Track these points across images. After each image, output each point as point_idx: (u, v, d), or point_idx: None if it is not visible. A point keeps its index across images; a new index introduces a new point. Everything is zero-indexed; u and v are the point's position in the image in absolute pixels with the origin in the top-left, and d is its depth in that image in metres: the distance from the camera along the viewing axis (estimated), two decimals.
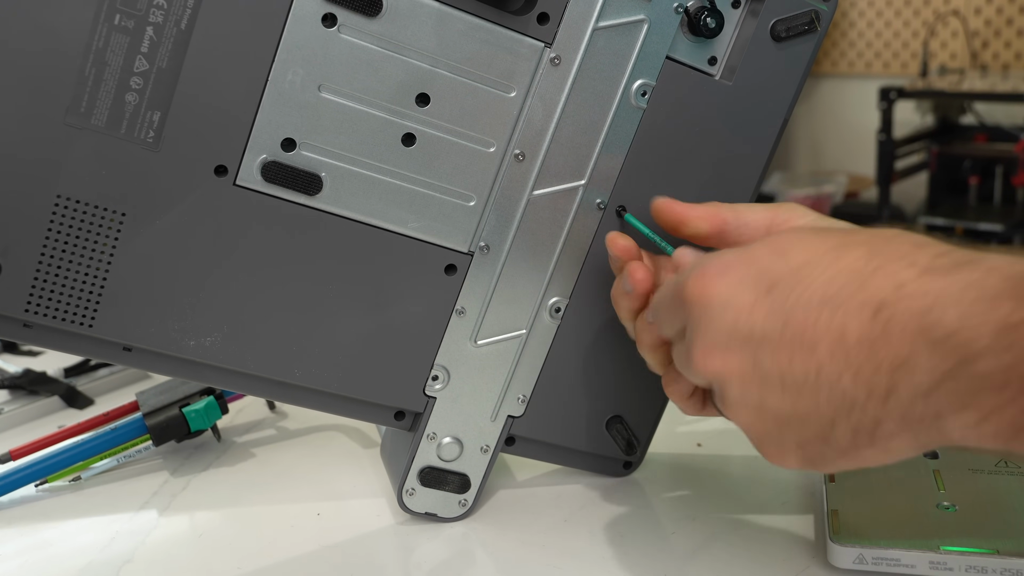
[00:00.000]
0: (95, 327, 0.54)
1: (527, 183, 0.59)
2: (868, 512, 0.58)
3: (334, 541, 0.62)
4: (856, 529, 0.56)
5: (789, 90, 0.60)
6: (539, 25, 0.56)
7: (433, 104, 0.56)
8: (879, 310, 0.40)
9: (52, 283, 0.52)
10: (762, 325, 0.43)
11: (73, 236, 0.52)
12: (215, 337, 0.56)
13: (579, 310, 0.62)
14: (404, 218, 0.57)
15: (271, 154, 0.54)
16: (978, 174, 2.75)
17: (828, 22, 0.59)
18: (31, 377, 0.85)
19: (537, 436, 0.64)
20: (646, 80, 0.58)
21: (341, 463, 0.72)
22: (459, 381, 0.61)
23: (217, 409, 0.73)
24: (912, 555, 0.53)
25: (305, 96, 0.54)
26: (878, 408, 0.40)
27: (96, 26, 0.49)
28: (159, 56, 0.51)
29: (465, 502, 0.64)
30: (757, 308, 0.43)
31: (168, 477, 0.71)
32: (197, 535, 0.64)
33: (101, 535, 0.63)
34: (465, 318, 0.60)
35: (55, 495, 0.69)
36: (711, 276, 0.46)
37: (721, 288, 0.45)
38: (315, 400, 0.60)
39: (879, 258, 0.41)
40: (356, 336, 0.59)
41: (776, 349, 0.43)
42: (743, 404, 0.45)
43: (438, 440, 0.62)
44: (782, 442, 0.44)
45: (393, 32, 0.54)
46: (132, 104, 0.51)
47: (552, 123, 0.58)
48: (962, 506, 0.58)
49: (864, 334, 0.40)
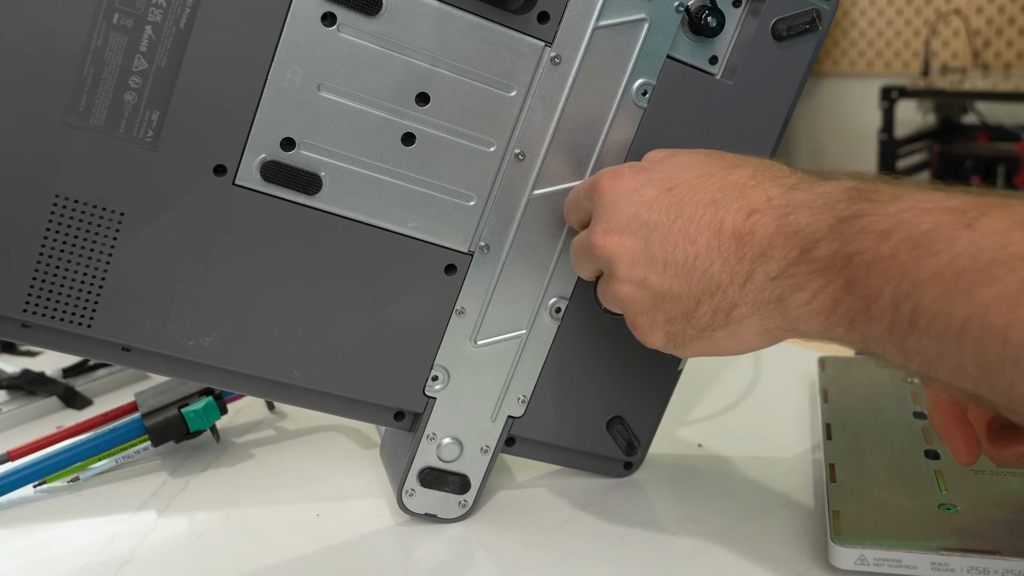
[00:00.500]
0: (94, 327, 0.54)
1: (527, 183, 0.58)
2: (870, 513, 0.57)
3: (333, 542, 0.62)
4: (857, 530, 0.55)
5: (790, 89, 0.60)
6: (539, 24, 0.56)
7: (433, 103, 0.56)
8: (751, 213, 0.49)
9: (50, 283, 0.52)
10: (658, 215, 0.52)
11: (71, 236, 0.52)
12: (214, 337, 0.56)
13: (579, 310, 0.62)
14: (404, 218, 0.57)
15: (270, 153, 0.54)
16: (980, 174, 2.73)
17: (829, 21, 0.59)
18: (29, 377, 0.84)
19: (537, 436, 0.64)
20: (647, 79, 0.58)
21: (340, 464, 0.72)
22: (459, 381, 0.61)
23: (216, 409, 0.72)
24: (914, 556, 0.53)
25: (304, 95, 0.53)
26: (736, 292, 0.49)
27: (95, 25, 0.49)
28: (158, 55, 0.51)
29: (465, 503, 0.63)
30: (657, 202, 0.52)
31: (167, 478, 0.70)
32: (196, 536, 0.63)
33: (99, 536, 0.63)
34: (465, 318, 0.60)
35: (53, 496, 0.68)
36: (625, 172, 0.54)
37: (631, 183, 0.53)
38: (314, 400, 0.60)
39: (759, 177, 0.51)
40: (356, 336, 0.59)
41: (666, 235, 0.51)
42: (630, 279, 0.53)
43: (438, 441, 0.62)
44: (654, 317, 0.53)
45: (393, 31, 0.54)
46: (131, 103, 0.51)
47: (552, 122, 0.58)
48: (964, 507, 0.57)
49: (737, 229, 0.49)
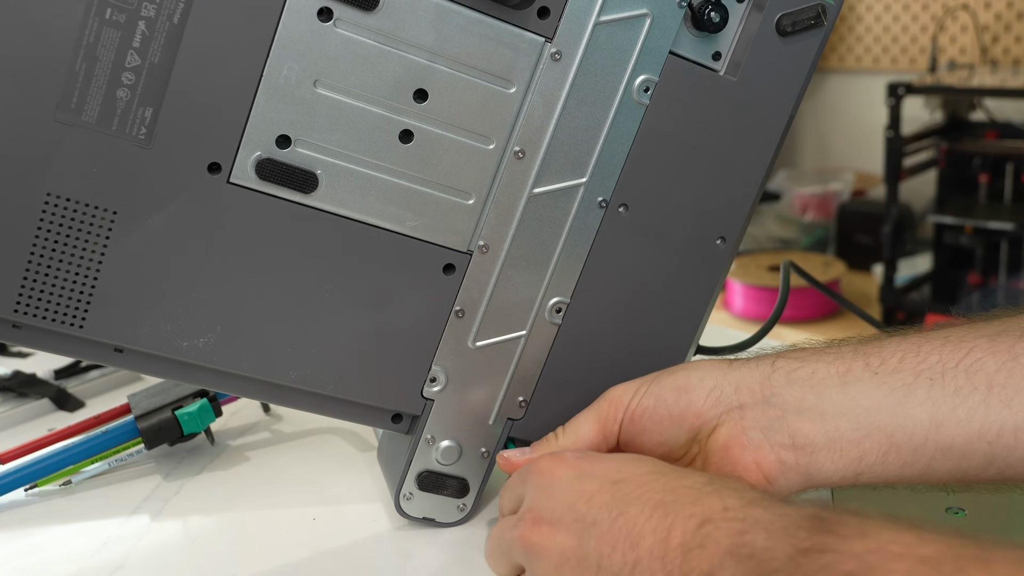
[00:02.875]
0: (86, 328, 0.53)
1: (527, 181, 0.58)
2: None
3: (330, 547, 0.61)
4: None
5: (795, 86, 0.60)
6: (539, 19, 0.55)
7: (431, 100, 0.55)
8: (704, 523, 0.43)
9: (42, 283, 0.51)
10: (598, 511, 0.47)
11: (63, 235, 0.51)
12: (208, 338, 0.55)
13: (580, 311, 0.61)
14: (401, 216, 0.56)
15: (266, 151, 0.53)
16: (988, 172, 2.72)
17: (835, 16, 0.59)
18: (21, 379, 0.84)
19: (537, 439, 0.63)
20: (649, 76, 0.57)
21: (337, 467, 0.71)
22: (458, 383, 0.60)
23: (211, 412, 0.72)
24: None
25: (300, 92, 0.53)
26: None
27: (87, 20, 0.48)
28: (151, 51, 0.50)
29: (464, 507, 0.63)
30: (599, 495, 0.47)
31: (160, 481, 0.70)
32: (190, 540, 0.63)
33: (92, 540, 0.62)
34: (464, 319, 0.59)
35: (45, 499, 0.68)
36: (568, 457, 0.50)
37: (572, 469, 0.49)
38: (310, 403, 0.59)
39: (716, 484, 0.46)
40: (352, 337, 0.58)
41: (604, 535, 0.46)
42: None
43: (436, 443, 0.61)
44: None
45: (390, 26, 0.53)
46: (124, 100, 0.50)
47: (553, 120, 0.57)
48: (971, 511, 0.57)
49: (686, 540, 0.43)
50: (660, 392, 0.56)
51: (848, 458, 0.51)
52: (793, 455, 0.52)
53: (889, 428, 0.51)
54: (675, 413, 0.55)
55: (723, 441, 0.53)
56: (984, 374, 0.50)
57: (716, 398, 0.54)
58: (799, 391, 0.52)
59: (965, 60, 3.20)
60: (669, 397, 0.55)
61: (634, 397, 0.57)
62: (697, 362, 0.58)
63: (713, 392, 0.54)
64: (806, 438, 0.51)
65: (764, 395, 0.53)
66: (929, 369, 0.51)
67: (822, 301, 2.66)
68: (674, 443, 0.55)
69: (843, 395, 0.52)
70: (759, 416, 0.53)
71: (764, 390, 0.53)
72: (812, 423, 0.52)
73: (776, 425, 0.52)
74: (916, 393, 0.50)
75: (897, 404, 0.51)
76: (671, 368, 0.58)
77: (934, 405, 0.50)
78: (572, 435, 0.58)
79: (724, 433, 0.53)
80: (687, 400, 0.55)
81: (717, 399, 0.54)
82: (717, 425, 0.54)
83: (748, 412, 0.53)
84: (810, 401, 0.52)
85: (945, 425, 0.50)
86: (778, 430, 0.52)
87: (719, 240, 0.62)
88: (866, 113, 3.38)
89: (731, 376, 0.55)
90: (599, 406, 0.58)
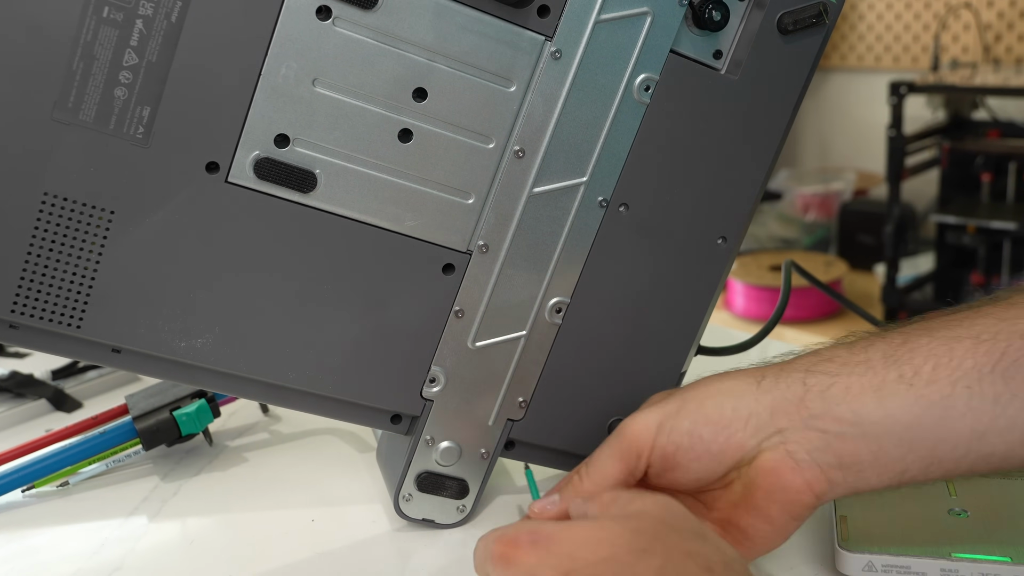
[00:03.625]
0: (83, 328, 0.53)
1: (527, 180, 0.57)
2: (878, 518, 0.56)
3: (329, 548, 0.61)
4: (865, 536, 0.54)
5: (796, 85, 0.59)
6: (539, 18, 0.55)
7: (431, 99, 0.54)
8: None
9: (39, 283, 0.51)
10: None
11: (60, 234, 0.51)
12: (207, 338, 0.55)
13: (580, 311, 0.61)
14: (400, 216, 0.56)
15: (264, 150, 0.53)
16: (991, 171, 2.70)
17: (836, 14, 0.58)
18: (18, 379, 0.84)
19: (537, 440, 0.63)
20: (649, 74, 0.57)
21: (336, 468, 0.71)
22: (457, 384, 0.60)
23: (209, 412, 0.72)
24: (923, 562, 0.52)
25: (299, 91, 0.52)
26: None
27: (84, 19, 0.48)
28: (149, 50, 0.50)
29: (463, 508, 0.62)
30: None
31: (158, 482, 0.69)
32: (188, 542, 0.62)
33: (89, 542, 0.62)
34: (463, 319, 0.59)
35: (42, 501, 0.67)
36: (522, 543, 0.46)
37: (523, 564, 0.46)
38: (309, 403, 0.59)
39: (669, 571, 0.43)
40: (351, 338, 0.57)
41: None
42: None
43: (436, 444, 0.61)
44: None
45: (389, 25, 0.53)
46: (121, 99, 0.50)
47: (553, 119, 0.56)
48: (974, 512, 0.56)
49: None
50: (693, 428, 0.53)
51: (892, 472, 0.51)
52: (841, 474, 0.51)
53: (931, 442, 0.50)
54: (714, 450, 0.53)
55: (770, 465, 0.52)
56: (1021, 378, 0.49)
57: (755, 427, 0.53)
58: (837, 412, 0.51)
59: (967, 59, 3.19)
60: (705, 433, 0.53)
61: (660, 433, 0.54)
62: (721, 384, 0.55)
63: (750, 421, 0.53)
64: (852, 458, 0.51)
65: (802, 417, 0.52)
66: (965, 376, 0.50)
67: (824, 301, 2.65)
68: (711, 476, 0.54)
69: (882, 412, 0.50)
70: (801, 439, 0.51)
71: (800, 412, 0.52)
72: (856, 443, 0.51)
73: (821, 447, 0.51)
74: (956, 406, 0.50)
75: (938, 420, 0.50)
76: (693, 392, 0.55)
77: (975, 417, 0.49)
78: (596, 476, 0.55)
79: (769, 458, 0.52)
80: (726, 435, 0.53)
81: (756, 428, 0.53)
82: (759, 452, 0.52)
83: (789, 435, 0.52)
84: (850, 421, 0.51)
85: (987, 436, 0.49)
86: (824, 451, 0.51)
87: (720, 240, 0.61)
88: (868, 112, 3.37)
89: (764, 400, 0.53)
90: (620, 443, 0.55)
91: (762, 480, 0.52)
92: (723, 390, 0.54)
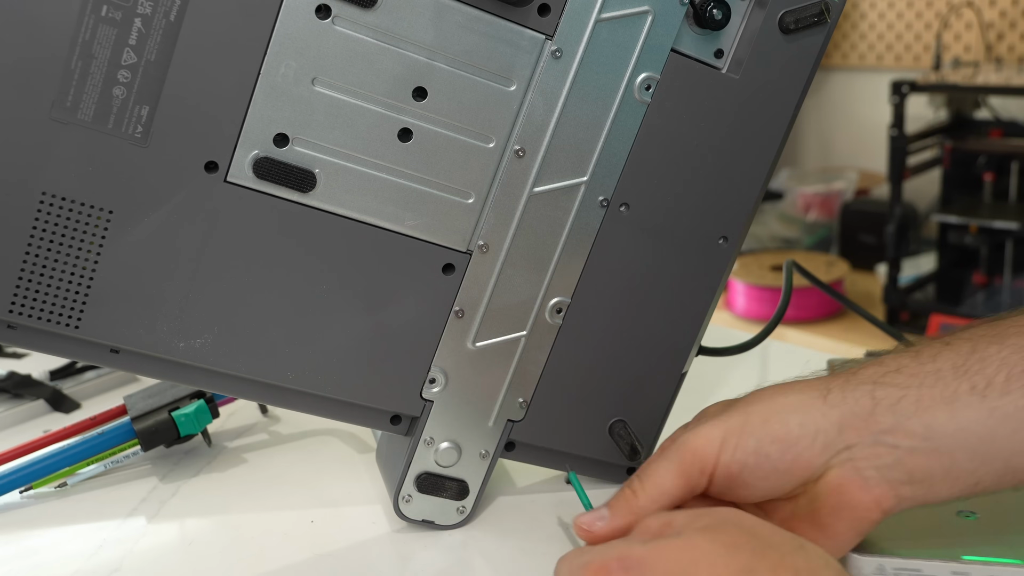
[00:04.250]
0: (81, 328, 0.52)
1: (527, 180, 0.57)
2: (888, 521, 0.56)
3: (328, 549, 0.61)
4: (876, 539, 0.54)
5: (798, 84, 0.59)
6: (540, 17, 0.55)
7: (431, 98, 0.54)
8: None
9: (37, 283, 0.51)
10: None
11: (59, 234, 0.51)
12: (205, 339, 0.55)
13: (581, 311, 0.60)
14: (400, 216, 0.56)
15: (263, 150, 0.53)
16: (993, 170, 2.69)
17: (838, 13, 0.58)
18: (15, 380, 0.83)
19: (538, 441, 0.63)
20: (650, 73, 0.57)
21: (335, 469, 0.71)
22: (457, 384, 0.60)
23: (208, 413, 0.71)
24: (933, 565, 0.52)
25: (298, 90, 0.52)
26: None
27: (83, 18, 0.48)
28: (147, 49, 0.49)
29: (463, 509, 0.62)
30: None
31: (157, 483, 0.69)
32: (187, 543, 0.62)
33: (88, 543, 0.62)
34: (463, 319, 0.59)
35: (40, 502, 0.67)
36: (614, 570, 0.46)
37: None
38: (308, 404, 0.59)
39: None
40: (351, 338, 0.57)
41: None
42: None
43: (435, 445, 0.60)
44: None
45: (389, 24, 0.52)
46: (120, 98, 0.50)
47: (553, 118, 0.56)
48: (984, 514, 0.56)
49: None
50: (759, 447, 0.52)
51: (964, 484, 0.50)
52: (910, 489, 0.50)
53: (1005, 454, 0.49)
54: (782, 468, 0.51)
55: (837, 483, 0.51)
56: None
57: (823, 444, 0.51)
58: (908, 426, 0.50)
59: (969, 58, 3.18)
60: (772, 452, 0.51)
61: (724, 450, 0.52)
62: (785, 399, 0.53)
63: (818, 438, 0.51)
64: (924, 473, 0.50)
65: (871, 432, 0.50)
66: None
67: (825, 301, 2.64)
68: (777, 493, 0.53)
69: (954, 425, 0.49)
70: (870, 455, 0.50)
71: (870, 427, 0.51)
72: (927, 458, 0.50)
73: (892, 463, 0.50)
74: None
75: (1012, 432, 0.49)
76: (756, 407, 0.53)
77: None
78: (654, 491, 0.53)
79: (837, 475, 0.51)
80: (794, 454, 0.51)
81: (824, 445, 0.51)
82: (827, 468, 0.51)
83: (858, 452, 0.51)
84: (921, 436, 0.50)
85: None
86: (894, 467, 0.50)
87: (721, 240, 0.61)
88: (870, 111, 3.37)
89: (831, 416, 0.51)
90: (680, 456, 0.53)
91: (829, 497, 0.51)
92: (788, 405, 0.52)
